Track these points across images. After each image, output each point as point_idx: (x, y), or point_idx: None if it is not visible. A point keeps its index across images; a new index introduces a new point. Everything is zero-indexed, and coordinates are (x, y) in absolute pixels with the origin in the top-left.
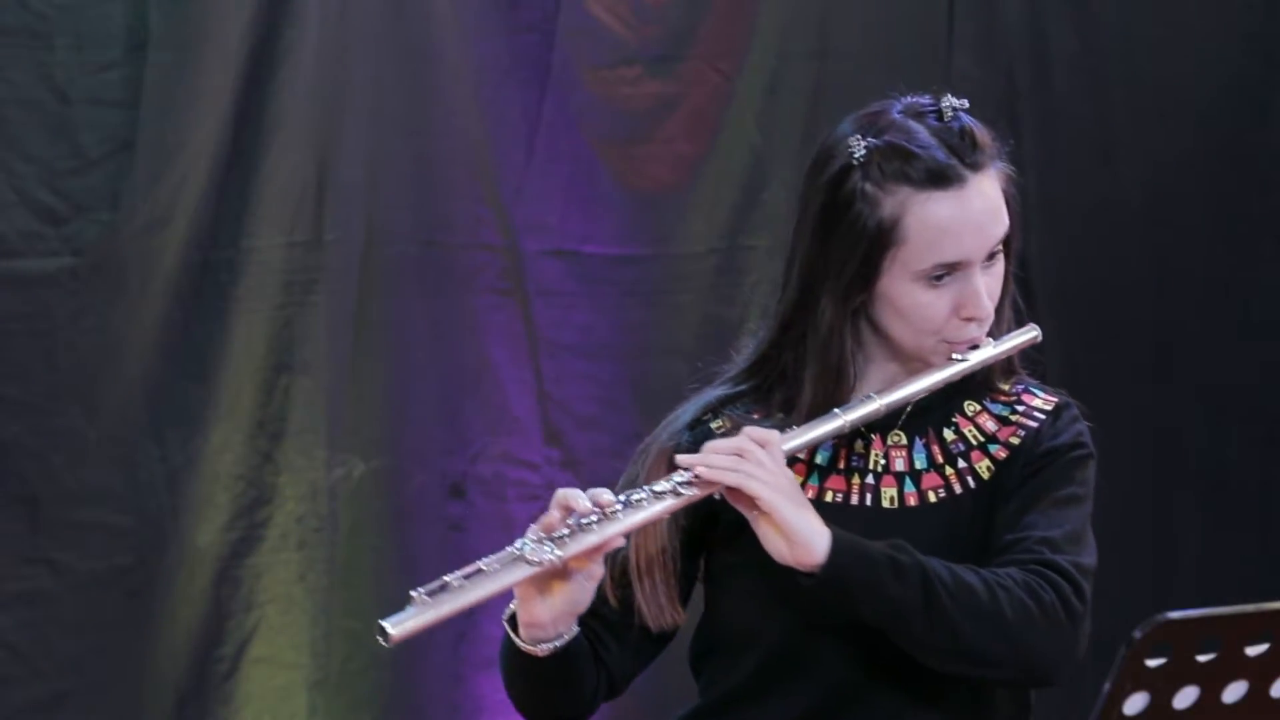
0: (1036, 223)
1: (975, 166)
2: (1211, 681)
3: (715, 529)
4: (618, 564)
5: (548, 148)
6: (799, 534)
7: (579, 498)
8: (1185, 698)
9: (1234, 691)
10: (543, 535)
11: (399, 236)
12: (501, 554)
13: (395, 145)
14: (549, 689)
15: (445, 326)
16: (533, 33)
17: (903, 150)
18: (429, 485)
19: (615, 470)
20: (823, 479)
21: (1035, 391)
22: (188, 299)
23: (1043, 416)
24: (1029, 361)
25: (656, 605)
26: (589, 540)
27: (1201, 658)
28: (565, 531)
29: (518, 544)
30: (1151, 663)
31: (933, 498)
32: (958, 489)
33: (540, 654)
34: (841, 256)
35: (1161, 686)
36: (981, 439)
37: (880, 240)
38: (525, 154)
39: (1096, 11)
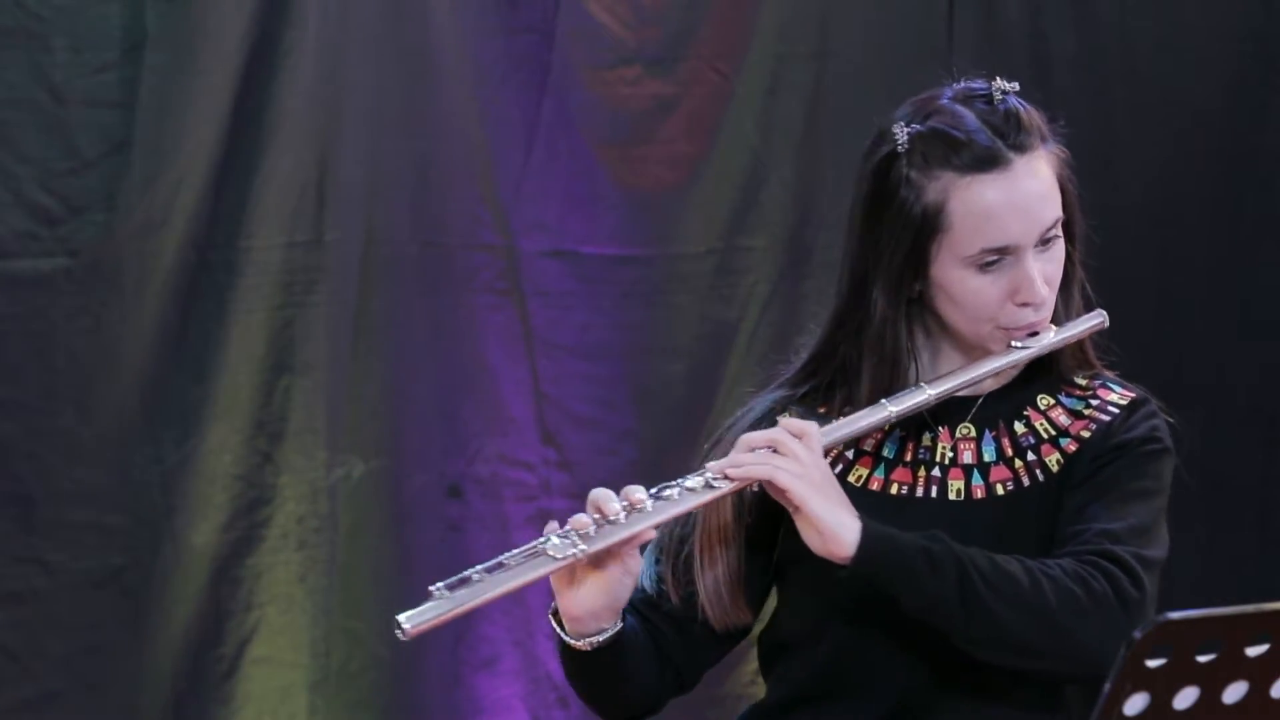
0: None
1: (1021, 148)
2: (1212, 682)
3: (783, 521)
4: (681, 560)
5: (547, 148)
6: (827, 526)
7: (611, 499)
8: (1185, 698)
9: (1234, 692)
10: (569, 530)
11: (399, 237)
12: (525, 548)
13: (395, 146)
14: (603, 682)
15: (444, 327)
16: (532, 33)
17: (945, 135)
18: (428, 485)
19: (612, 470)
20: (889, 471)
21: (1112, 386)
22: (184, 300)
23: (1116, 410)
24: (1101, 351)
25: (720, 606)
26: (614, 535)
27: (1202, 658)
28: (592, 528)
29: (542, 539)
30: (1151, 663)
31: (1000, 491)
32: (1026, 482)
33: (585, 648)
34: (890, 245)
35: (1161, 687)
36: (1053, 432)
37: (926, 227)
38: (524, 154)
39: (1096, 11)
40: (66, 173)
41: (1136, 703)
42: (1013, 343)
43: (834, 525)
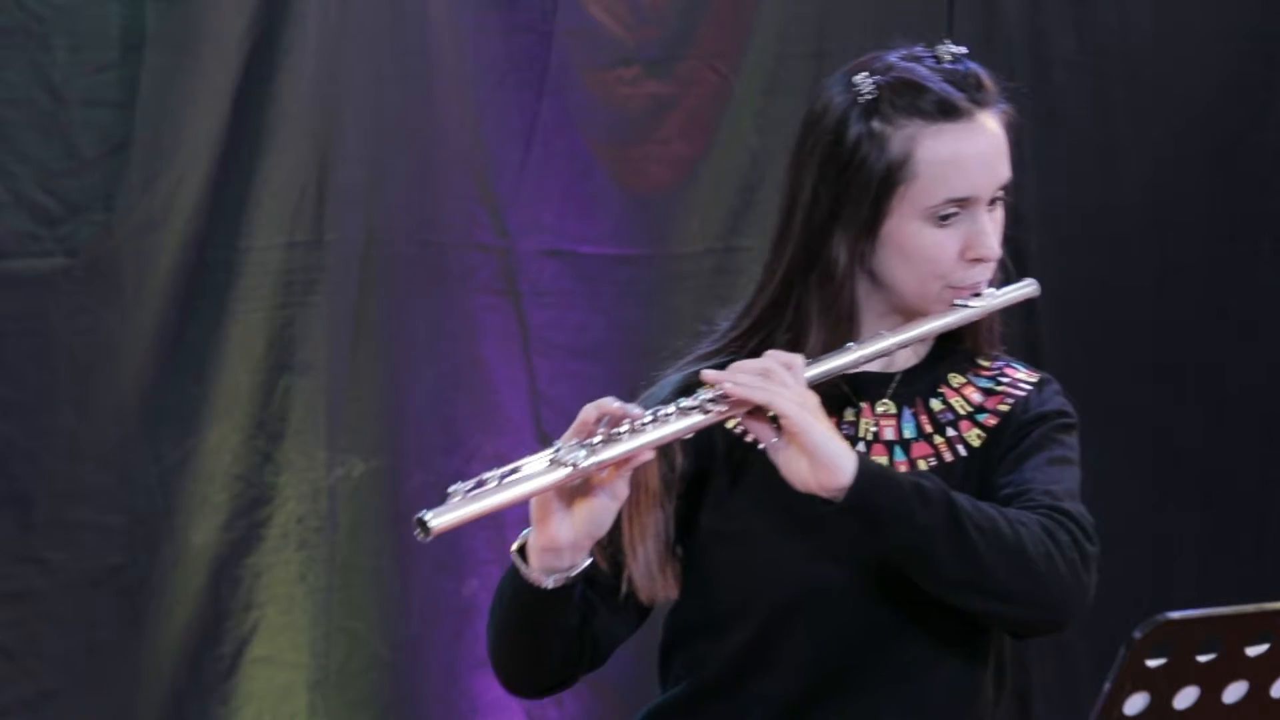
0: (1036, 223)
1: (980, 103)
2: (1212, 682)
3: (704, 496)
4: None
5: (545, 148)
6: (826, 454)
7: (612, 401)
8: (1185, 698)
9: (1234, 692)
10: (577, 441)
11: (398, 236)
12: (537, 455)
13: (394, 146)
14: (545, 635)
15: (443, 326)
16: (530, 33)
17: (911, 84)
18: (428, 485)
19: None
20: None
21: (1017, 366)
22: (183, 300)
23: (1029, 387)
24: (1004, 341)
25: (649, 575)
26: (620, 448)
27: (1201, 658)
28: (599, 438)
29: (554, 447)
30: (1151, 663)
31: (923, 465)
32: (948, 457)
33: (549, 585)
34: (852, 199)
35: (1162, 687)
36: (970, 409)
37: (889, 179)
38: (523, 154)
39: (1096, 11)
40: (66, 172)
41: (1136, 702)
42: (955, 301)
43: (832, 453)
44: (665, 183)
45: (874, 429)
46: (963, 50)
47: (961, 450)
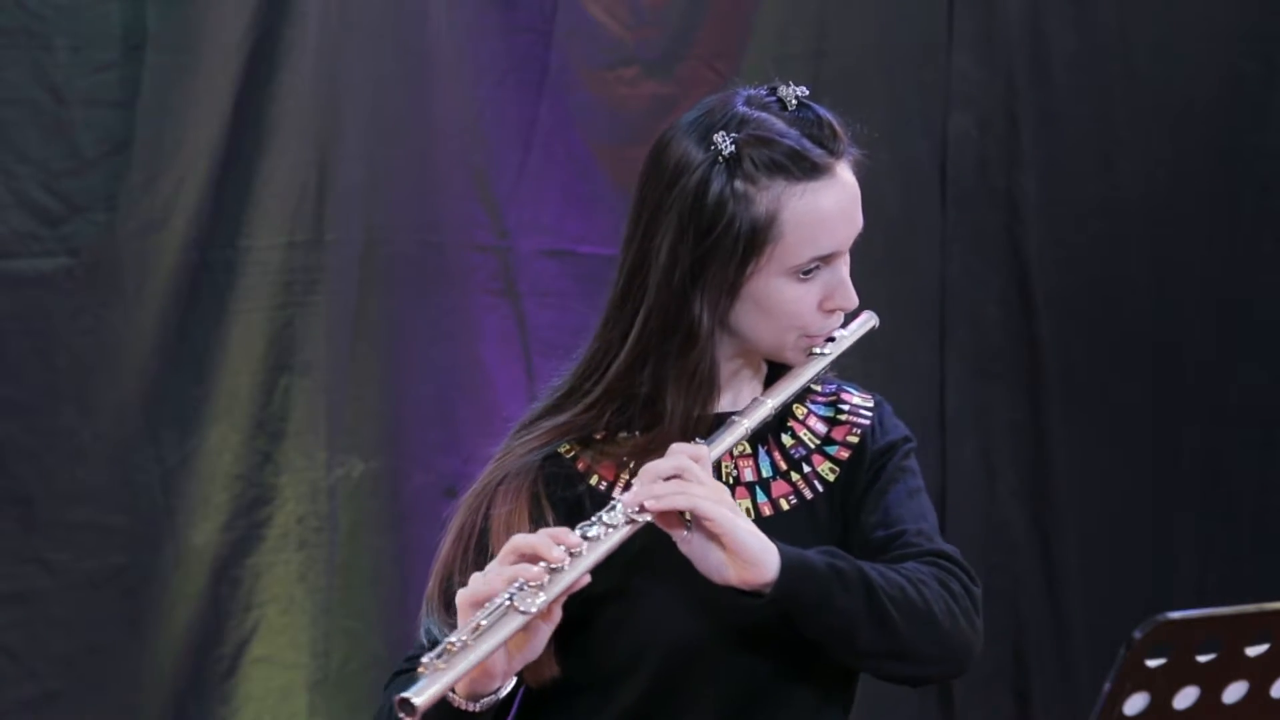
0: (1036, 223)
1: (837, 154)
2: (1211, 682)
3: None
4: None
5: (545, 148)
6: (751, 553)
7: (552, 547)
8: (1185, 698)
9: (1234, 692)
10: (524, 584)
11: (398, 237)
12: (493, 606)
13: (394, 146)
14: None
15: (443, 326)
16: (530, 33)
17: (770, 142)
18: (428, 485)
19: None
20: None
21: (850, 389)
22: (185, 299)
23: (868, 414)
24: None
25: (538, 662)
26: (564, 581)
27: (1201, 658)
28: (545, 578)
29: (505, 595)
30: (1151, 663)
31: (785, 505)
32: (807, 494)
33: (476, 709)
34: (718, 261)
35: (1161, 687)
36: (817, 441)
37: (755, 239)
38: (522, 154)
39: (1096, 11)
40: (67, 172)
41: (1136, 702)
42: (814, 350)
43: (757, 552)
44: None
45: (734, 472)
46: (804, 91)
47: (818, 485)
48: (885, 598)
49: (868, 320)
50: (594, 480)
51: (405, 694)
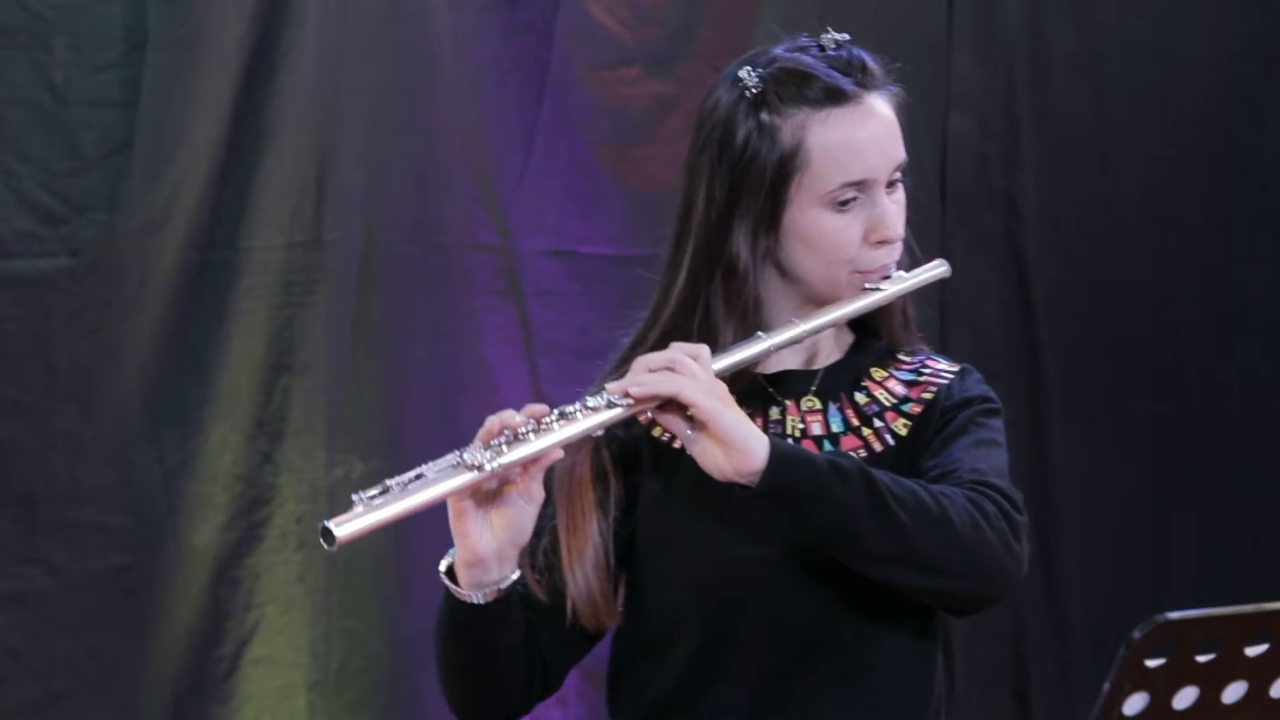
0: (1036, 223)
1: (867, 86)
2: (1211, 682)
3: (638, 510)
4: (539, 556)
5: (546, 148)
6: (737, 439)
7: (514, 416)
8: (1185, 698)
9: (1234, 692)
10: (479, 445)
11: (398, 237)
12: (441, 460)
13: (394, 146)
14: (488, 655)
15: (445, 327)
16: (531, 33)
17: (796, 73)
18: None
19: None
20: None
21: (937, 359)
22: (185, 300)
23: (950, 375)
24: (922, 329)
25: (590, 602)
26: (526, 449)
27: (1201, 658)
28: (502, 440)
29: (456, 452)
30: (1151, 663)
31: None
32: (877, 447)
33: (481, 600)
34: (748, 194)
35: (1161, 687)
36: (893, 400)
37: (783, 169)
38: (523, 154)
39: (1096, 11)
40: (68, 173)
41: (1136, 702)
42: (866, 285)
43: (743, 438)
44: (667, 183)
45: (800, 425)
46: (845, 37)
47: (889, 439)
48: (890, 496)
49: (935, 266)
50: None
51: (328, 522)
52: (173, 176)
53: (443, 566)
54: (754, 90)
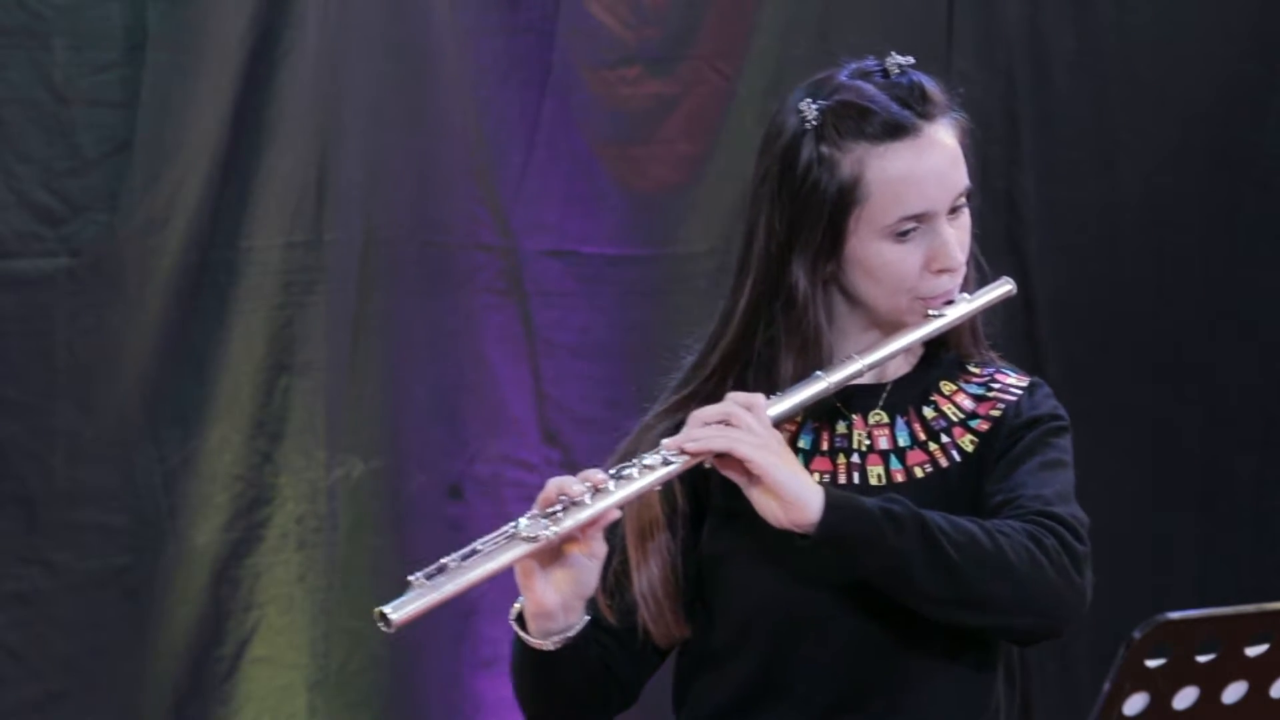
0: (1036, 223)
1: (927, 116)
2: (1211, 682)
3: (703, 526)
4: (610, 577)
5: (547, 148)
6: (791, 493)
7: (573, 482)
8: (1185, 698)
9: (1234, 692)
10: (537, 514)
11: (398, 237)
12: (496, 534)
13: (395, 145)
14: (562, 691)
15: (444, 327)
16: (532, 33)
17: (854, 106)
18: (428, 486)
19: None
20: (808, 461)
21: (1007, 371)
22: (185, 299)
23: (1019, 391)
24: (992, 345)
25: (661, 621)
26: (583, 514)
27: (1201, 658)
28: (559, 509)
29: (511, 525)
30: (1151, 663)
31: (919, 473)
32: (943, 463)
33: (551, 647)
34: (808, 225)
35: (1161, 687)
36: (961, 415)
37: (843, 202)
38: (524, 154)
39: (1096, 11)
40: (68, 172)
41: (1136, 703)
42: (929, 312)
43: (798, 491)
44: (668, 183)
45: (867, 440)
46: (909, 61)
47: (956, 456)
48: (945, 540)
49: (999, 286)
50: None
51: (384, 608)
52: (173, 176)
53: (512, 614)
54: (813, 123)
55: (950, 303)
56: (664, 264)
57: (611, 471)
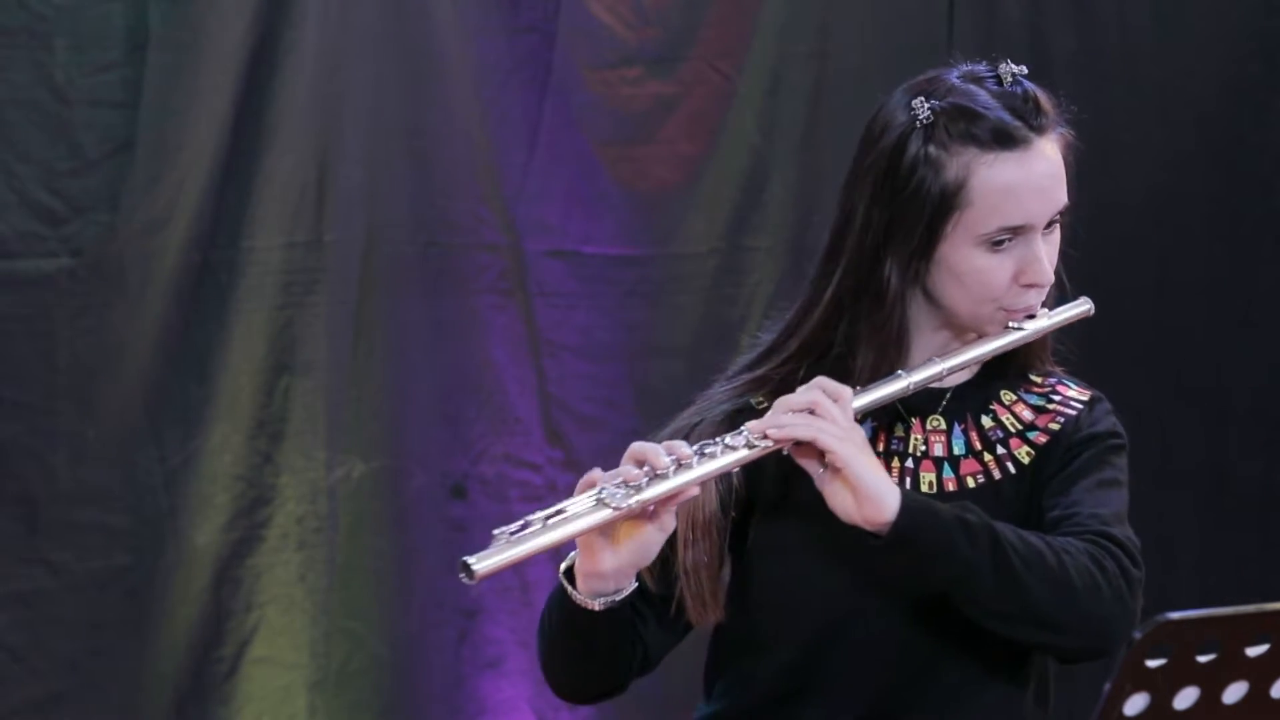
0: None
1: (1039, 129)
2: (1211, 682)
3: (754, 513)
4: (658, 553)
5: (548, 148)
6: (870, 489)
7: (660, 453)
8: (1185, 698)
9: (1234, 692)
10: (621, 481)
11: (399, 237)
12: (581, 498)
13: (395, 146)
14: (594, 651)
15: (446, 327)
16: (533, 33)
17: (968, 111)
18: (430, 486)
19: None
20: None
21: (1068, 384)
22: (186, 300)
23: (1080, 405)
24: (1058, 357)
25: (700, 600)
26: (665, 486)
27: (1201, 658)
28: (644, 480)
29: (597, 489)
30: (1151, 663)
31: (971, 483)
32: (997, 474)
33: (595, 608)
34: (906, 223)
35: (1161, 687)
36: (1020, 426)
37: (944, 204)
38: (526, 154)
39: (1096, 11)
40: (69, 173)
41: (1136, 703)
42: (1010, 324)
43: (876, 489)
44: (669, 183)
45: (923, 445)
46: (1023, 70)
47: (1010, 468)
48: (1014, 554)
49: (1078, 305)
50: None
51: (468, 558)
52: (174, 176)
53: (563, 566)
54: (924, 121)
55: (1031, 317)
56: (665, 264)
57: (695, 447)
